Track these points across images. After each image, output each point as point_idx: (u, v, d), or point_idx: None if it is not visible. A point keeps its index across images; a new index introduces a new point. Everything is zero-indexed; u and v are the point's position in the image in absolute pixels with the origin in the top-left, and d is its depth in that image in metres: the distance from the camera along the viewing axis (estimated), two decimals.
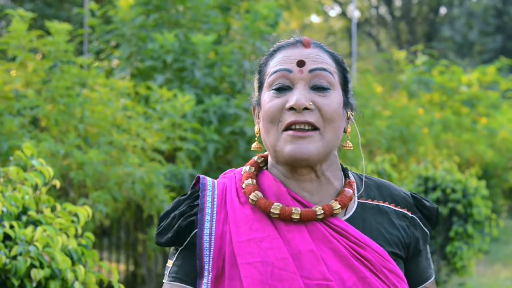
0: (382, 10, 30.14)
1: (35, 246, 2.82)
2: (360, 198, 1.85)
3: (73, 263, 2.96)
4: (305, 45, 1.81)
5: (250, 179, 1.81)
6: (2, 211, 2.91)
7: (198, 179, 1.85)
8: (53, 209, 3.13)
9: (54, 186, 3.32)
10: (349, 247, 1.76)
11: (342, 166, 1.88)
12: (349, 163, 7.87)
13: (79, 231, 3.09)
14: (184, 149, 6.53)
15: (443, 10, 29.51)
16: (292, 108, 1.75)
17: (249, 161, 1.89)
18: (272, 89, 1.79)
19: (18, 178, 3.10)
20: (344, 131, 1.84)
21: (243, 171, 1.85)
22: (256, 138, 1.86)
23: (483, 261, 9.55)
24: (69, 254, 2.95)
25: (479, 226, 7.13)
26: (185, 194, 1.86)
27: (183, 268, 1.79)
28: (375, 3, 30.12)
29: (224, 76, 7.75)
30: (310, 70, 1.77)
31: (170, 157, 6.81)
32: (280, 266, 1.71)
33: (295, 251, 1.73)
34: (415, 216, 1.87)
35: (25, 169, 3.18)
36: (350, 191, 1.81)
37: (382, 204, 1.85)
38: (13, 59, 6.06)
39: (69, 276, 2.87)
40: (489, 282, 8.51)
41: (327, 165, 1.81)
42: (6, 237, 2.86)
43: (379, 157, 7.93)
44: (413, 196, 1.92)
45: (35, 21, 8.35)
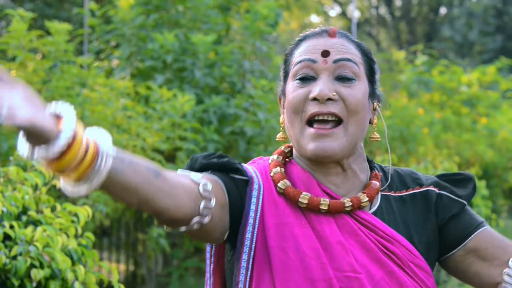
0: (382, 10, 30.14)
1: (35, 246, 2.82)
2: (383, 191, 1.82)
3: (73, 263, 2.95)
4: (331, 34, 1.79)
5: (278, 167, 1.78)
6: (2, 211, 2.91)
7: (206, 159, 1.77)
8: (53, 209, 3.13)
9: (54, 186, 3.32)
10: (376, 241, 1.74)
11: (368, 158, 1.86)
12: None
13: (79, 231, 3.09)
14: (184, 149, 6.53)
15: (443, 10, 29.52)
16: (315, 99, 1.72)
17: (249, 161, 1.88)
18: (296, 79, 1.76)
19: (18, 178, 3.10)
20: (370, 123, 1.82)
21: (271, 159, 1.82)
22: (281, 128, 1.84)
23: None
24: (69, 254, 2.95)
25: None
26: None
27: (228, 182, 1.73)
28: (375, 3, 30.13)
29: (224, 76, 7.75)
30: (334, 61, 1.75)
31: (170, 157, 6.81)
32: (310, 255, 1.69)
33: (324, 242, 1.71)
34: (442, 192, 1.83)
35: (25, 169, 3.18)
36: (376, 183, 1.79)
37: (406, 193, 1.83)
38: (13, 59, 6.06)
39: (69, 276, 2.87)
40: None
41: (353, 158, 1.79)
42: (6, 237, 2.86)
43: (379, 157, 7.93)
44: (440, 174, 1.89)
45: (35, 21, 8.35)
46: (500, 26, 25.86)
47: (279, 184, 1.75)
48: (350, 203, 1.74)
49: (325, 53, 1.76)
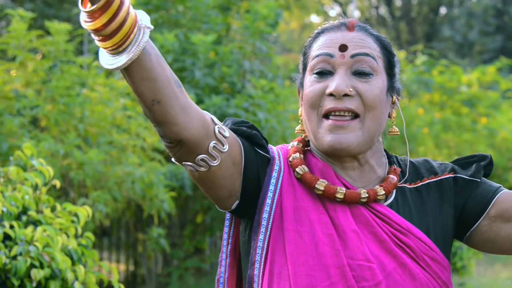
0: (382, 10, 30.15)
1: (35, 246, 2.82)
2: (399, 183, 1.81)
3: (73, 263, 2.95)
4: (349, 28, 1.77)
5: (297, 153, 1.78)
6: (2, 211, 2.91)
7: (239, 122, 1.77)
8: (53, 209, 3.13)
9: (54, 186, 3.32)
10: (390, 233, 1.73)
11: (388, 152, 1.85)
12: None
13: (79, 231, 3.09)
14: None
15: (443, 10, 29.52)
16: (332, 94, 1.71)
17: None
18: (314, 74, 1.75)
19: (18, 178, 3.10)
20: (389, 116, 1.81)
21: (291, 145, 1.81)
22: (300, 120, 1.82)
23: (483, 261, 9.55)
24: (69, 254, 2.95)
25: None
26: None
27: (249, 150, 1.72)
28: (375, 3, 30.14)
29: (224, 76, 7.74)
30: (352, 55, 1.73)
31: (170, 157, 6.81)
32: (325, 241, 1.69)
33: (339, 230, 1.71)
34: (458, 175, 1.82)
35: (25, 169, 3.18)
36: (394, 178, 1.78)
37: (421, 184, 1.82)
38: (13, 59, 6.06)
39: (69, 276, 2.87)
40: (489, 282, 8.51)
41: (371, 153, 1.78)
42: (6, 237, 2.86)
43: None
44: (455, 159, 1.88)
45: (35, 21, 8.35)
46: (500, 26, 25.86)
47: (297, 169, 1.75)
48: (366, 195, 1.74)
49: (343, 48, 1.74)
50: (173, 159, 1.67)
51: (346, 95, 1.71)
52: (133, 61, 1.47)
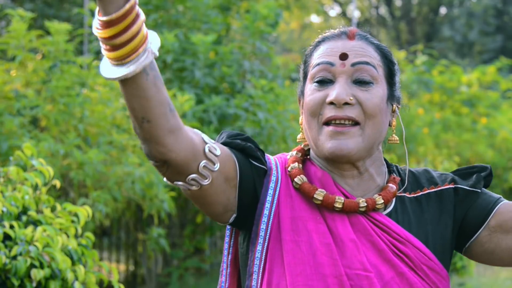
0: (382, 10, 30.15)
1: (35, 246, 2.82)
2: (398, 192, 1.81)
3: (73, 263, 2.96)
4: (350, 37, 1.78)
5: (296, 163, 1.79)
6: (2, 211, 2.91)
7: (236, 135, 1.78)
8: (53, 209, 3.13)
9: (54, 186, 3.32)
10: (389, 242, 1.74)
11: (387, 161, 1.85)
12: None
13: (79, 231, 3.09)
14: None
15: (443, 10, 29.53)
16: (332, 103, 1.72)
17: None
18: (314, 82, 1.76)
19: (18, 178, 3.10)
20: (389, 125, 1.82)
21: (290, 155, 1.83)
22: (300, 129, 1.83)
23: None
24: (69, 254, 2.95)
25: None
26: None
27: (244, 164, 1.73)
28: (375, 3, 30.14)
29: (224, 76, 7.74)
30: (352, 64, 1.74)
31: None
32: (323, 251, 1.70)
33: (337, 239, 1.72)
34: (458, 186, 1.82)
35: (25, 169, 3.18)
36: (393, 187, 1.78)
37: (420, 193, 1.82)
38: (13, 59, 6.06)
39: (69, 276, 2.87)
40: (489, 282, 8.51)
41: (370, 161, 1.78)
42: (6, 237, 2.86)
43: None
44: (455, 170, 1.88)
45: (35, 21, 8.35)
46: (500, 26, 25.86)
47: (295, 179, 1.76)
48: (365, 204, 1.75)
49: (343, 56, 1.75)
50: (164, 179, 1.67)
51: (346, 103, 1.72)
52: (128, 78, 1.48)
